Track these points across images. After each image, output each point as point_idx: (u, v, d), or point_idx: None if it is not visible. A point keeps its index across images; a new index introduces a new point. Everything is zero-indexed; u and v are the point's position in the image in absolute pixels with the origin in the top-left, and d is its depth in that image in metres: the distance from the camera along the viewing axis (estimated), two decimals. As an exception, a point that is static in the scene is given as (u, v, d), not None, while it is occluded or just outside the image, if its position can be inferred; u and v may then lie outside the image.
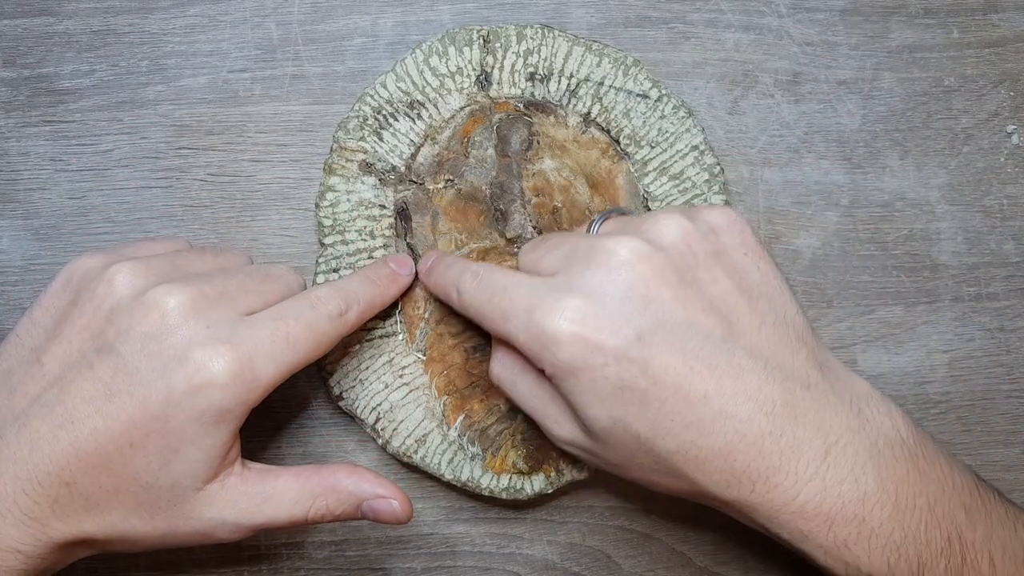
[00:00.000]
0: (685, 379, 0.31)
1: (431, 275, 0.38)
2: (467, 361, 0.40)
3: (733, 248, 0.34)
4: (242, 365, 0.31)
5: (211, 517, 0.33)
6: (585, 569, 0.41)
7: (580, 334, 0.31)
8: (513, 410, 0.39)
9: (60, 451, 0.31)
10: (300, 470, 0.34)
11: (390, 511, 0.34)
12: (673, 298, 0.32)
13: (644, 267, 0.32)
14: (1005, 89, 0.43)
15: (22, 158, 0.42)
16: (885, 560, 0.31)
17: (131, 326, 0.32)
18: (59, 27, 0.42)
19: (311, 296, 0.35)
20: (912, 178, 0.43)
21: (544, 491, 0.39)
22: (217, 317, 0.32)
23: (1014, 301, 0.42)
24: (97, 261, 0.34)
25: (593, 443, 0.34)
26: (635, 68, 0.41)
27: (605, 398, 0.32)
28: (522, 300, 0.33)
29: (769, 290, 0.34)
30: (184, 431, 0.31)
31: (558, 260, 0.34)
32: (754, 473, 0.31)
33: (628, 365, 0.31)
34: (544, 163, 0.40)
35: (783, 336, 0.33)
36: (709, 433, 0.31)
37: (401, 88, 0.40)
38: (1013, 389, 0.42)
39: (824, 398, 0.32)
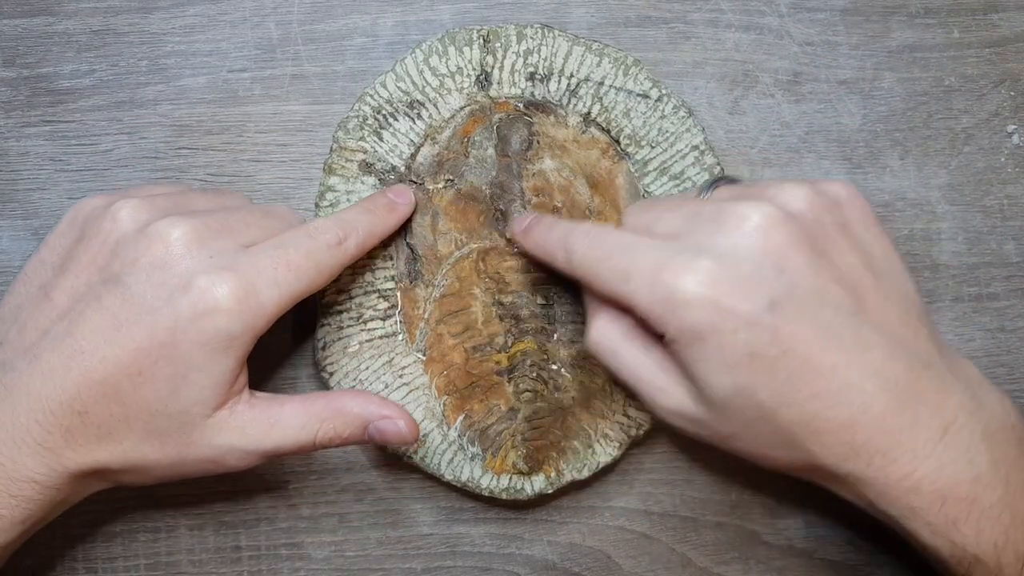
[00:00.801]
0: (815, 349, 0.31)
1: (530, 235, 0.37)
2: (467, 361, 0.40)
3: (856, 222, 0.34)
4: (246, 291, 0.32)
5: (220, 443, 0.33)
6: (585, 569, 0.41)
7: (711, 297, 0.30)
8: (513, 410, 0.39)
9: (71, 381, 0.32)
10: (306, 397, 0.35)
11: (396, 431, 0.35)
12: (806, 266, 0.31)
13: (778, 233, 0.31)
14: (1006, 89, 0.43)
15: (22, 158, 0.42)
16: (993, 542, 0.31)
17: (136, 257, 0.33)
18: (59, 27, 0.42)
19: (309, 227, 0.35)
20: (912, 178, 0.43)
21: (544, 491, 0.39)
22: (220, 247, 0.33)
23: (1014, 301, 0.42)
24: (101, 200, 0.35)
25: (707, 412, 0.33)
26: (635, 68, 0.41)
27: (732, 365, 0.31)
28: (648, 260, 0.32)
29: (891, 267, 0.34)
30: (191, 357, 0.32)
31: (679, 222, 0.33)
32: (873, 447, 0.31)
33: (759, 332, 0.30)
34: (544, 163, 0.40)
35: (906, 314, 0.33)
36: (834, 405, 0.31)
37: (401, 88, 0.40)
38: (1013, 389, 0.42)
39: (942, 378, 0.32)
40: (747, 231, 0.31)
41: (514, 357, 0.39)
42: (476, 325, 0.39)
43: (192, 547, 0.40)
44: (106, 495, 0.35)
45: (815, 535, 0.41)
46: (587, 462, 0.40)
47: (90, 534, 0.40)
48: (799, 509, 0.41)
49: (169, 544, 0.40)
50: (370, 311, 0.40)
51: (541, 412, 0.39)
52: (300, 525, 0.41)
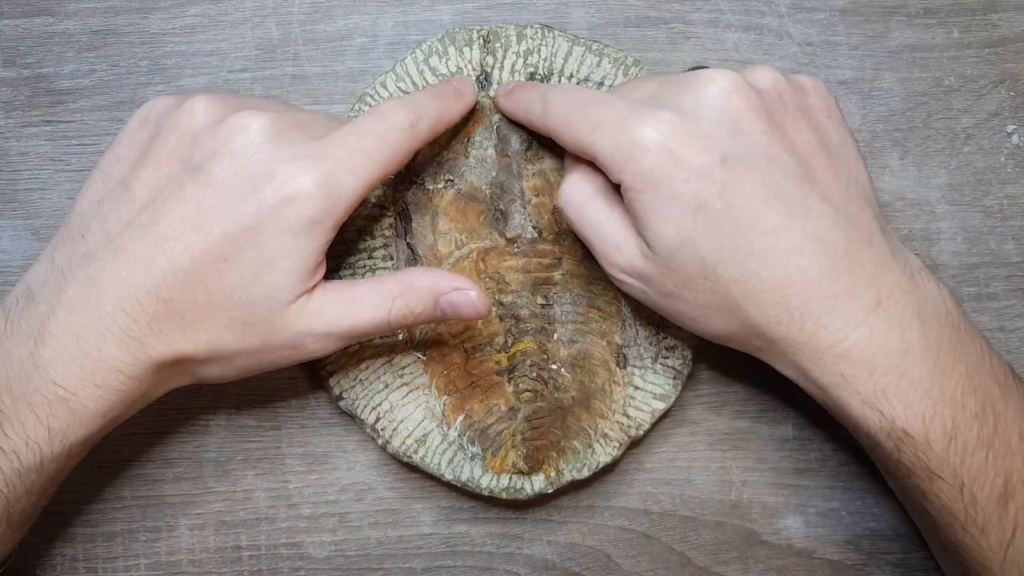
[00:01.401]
0: (760, 208, 0.32)
1: (512, 95, 0.39)
2: (467, 361, 0.40)
3: (818, 109, 0.36)
4: (326, 177, 0.33)
5: (300, 329, 0.34)
6: (585, 569, 0.41)
7: (667, 146, 0.32)
8: (513, 410, 0.39)
9: (157, 269, 0.32)
10: (378, 278, 0.36)
11: (468, 302, 0.35)
12: (761, 131, 0.33)
13: (738, 98, 0.33)
14: (1005, 89, 0.43)
15: (22, 158, 0.42)
16: (921, 415, 0.32)
17: (217, 147, 0.33)
18: (59, 27, 0.42)
19: (381, 110, 0.35)
20: (912, 178, 0.43)
21: (544, 491, 0.39)
22: (297, 138, 0.34)
23: (1014, 301, 0.42)
24: (170, 99, 0.36)
25: (652, 268, 0.34)
26: (635, 68, 0.41)
27: (678, 214, 0.32)
28: (616, 111, 0.34)
29: (845, 152, 0.35)
30: (276, 243, 0.33)
31: (651, 89, 0.35)
32: (806, 311, 0.32)
33: (708, 184, 0.32)
34: (544, 163, 0.40)
35: (854, 194, 0.34)
36: (772, 265, 0.32)
37: (401, 88, 0.40)
38: (1013, 389, 0.42)
39: (882, 256, 0.33)
40: (711, 92, 0.33)
41: (514, 357, 0.39)
42: (476, 325, 0.39)
43: (192, 547, 0.40)
44: (109, 493, 0.35)
45: (815, 535, 0.41)
46: (587, 462, 0.40)
47: (90, 534, 0.40)
48: (799, 509, 0.41)
49: (169, 544, 0.40)
50: (370, 311, 0.40)
51: (541, 412, 0.39)
52: (300, 525, 0.41)
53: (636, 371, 0.40)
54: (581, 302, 0.40)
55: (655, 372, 0.40)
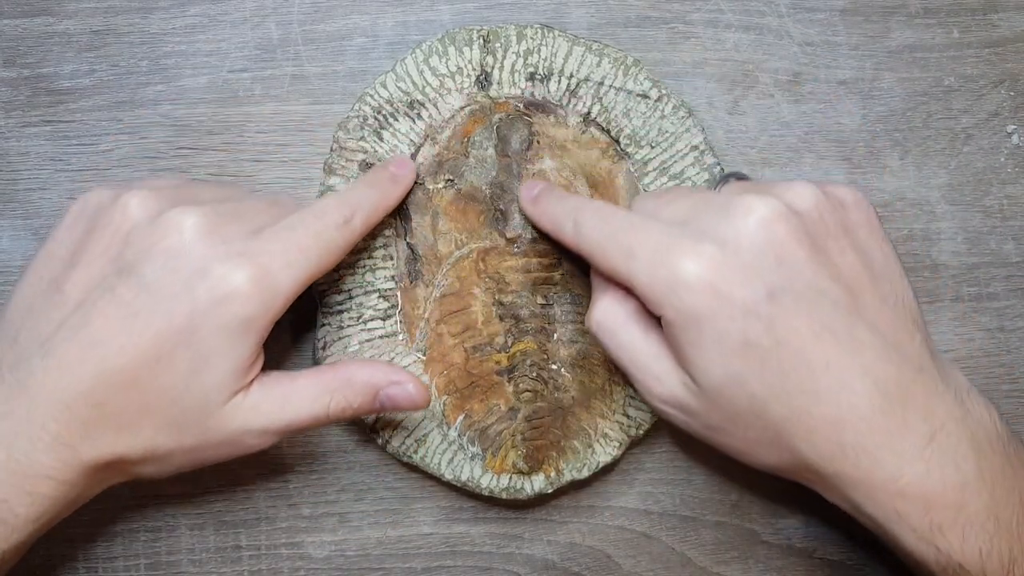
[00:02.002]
0: (809, 344, 0.31)
1: (539, 204, 0.38)
2: (467, 361, 0.40)
3: (860, 225, 0.34)
4: (261, 274, 0.32)
5: (237, 427, 0.33)
6: (585, 569, 0.41)
7: (711, 282, 0.31)
8: (513, 410, 0.39)
9: (88, 373, 0.32)
10: (316, 370, 0.35)
11: (406, 396, 0.35)
12: (806, 261, 0.32)
13: (780, 226, 0.32)
14: (1005, 89, 0.43)
15: (22, 158, 0.42)
16: (978, 549, 0.31)
17: (150, 246, 0.33)
18: (59, 27, 0.42)
19: (316, 207, 0.35)
20: (912, 178, 0.43)
21: (544, 491, 0.39)
22: (232, 234, 0.33)
23: (1014, 301, 0.42)
24: (107, 192, 0.35)
25: (697, 401, 0.33)
26: (635, 68, 0.41)
27: (725, 352, 0.31)
28: (653, 240, 0.32)
29: (890, 272, 0.34)
30: (210, 343, 0.32)
31: (686, 209, 0.34)
32: (860, 448, 0.31)
33: (755, 321, 0.31)
34: (544, 163, 0.40)
35: (901, 318, 0.33)
36: (824, 402, 0.31)
37: (401, 88, 0.40)
38: (1013, 389, 0.42)
39: (933, 384, 0.32)
40: (751, 221, 0.32)
41: (514, 357, 0.39)
42: (476, 325, 0.39)
43: (192, 547, 0.40)
44: (107, 492, 0.35)
45: (815, 535, 0.41)
46: (587, 462, 0.40)
47: (90, 534, 0.40)
48: (799, 509, 0.41)
49: (169, 544, 0.40)
50: (370, 311, 0.40)
51: (541, 412, 0.39)
52: (300, 525, 0.41)
53: (636, 371, 0.40)
54: (581, 302, 0.40)
55: (655, 372, 0.40)
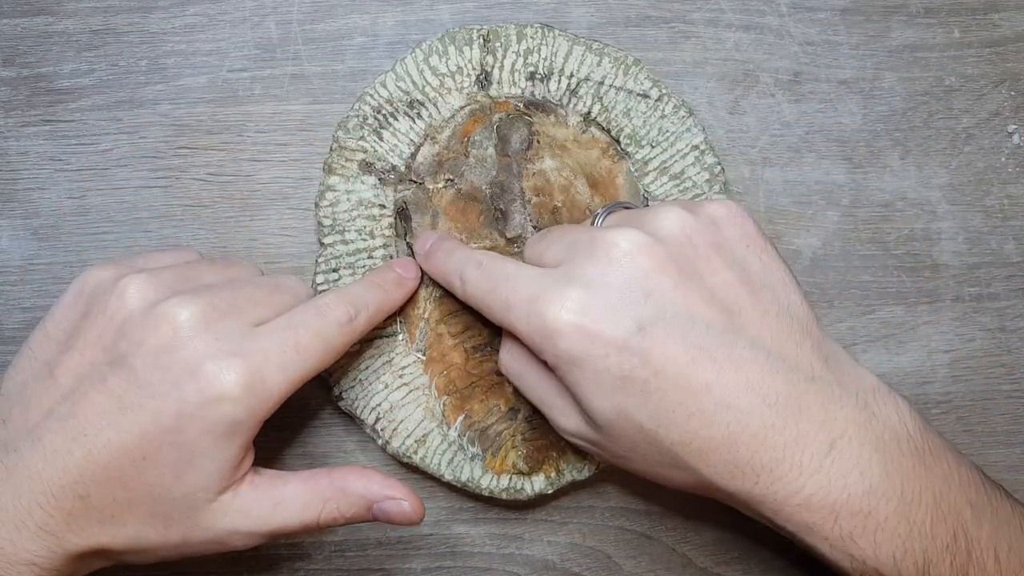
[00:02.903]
0: (686, 369, 0.31)
1: (431, 260, 0.38)
2: (467, 361, 0.39)
3: (734, 240, 0.34)
4: (253, 376, 0.32)
5: (224, 527, 0.33)
6: (585, 569, 0.41)
7: (580, 324, 0.31)
8: (513, 410, 0.39)
9: (74, 464, 0.31)
10: (310, 474, 0.34)
11: (400, 512, 0.34)
12: (673, 288, 0.32)
13: (644, 258, 0.32)
14: (1006, 89, 0.43)
15: (22, 158, 0.42)
16: (891, 554, 0.31)
17: (143, 339, 0.32)
18: (59, 27, 0.42)
19: (319, 304, 0.35)
20: (913, 178, 0.43)
21: (544, 491, 0.39)
22: (227, 329, 0.32)
23: (1015, 301, 0.42)
24: (109, 273, 0.34)
25: (598, 434, 0.34)
26: (635, 67, 0.41)
27: (607, 389, 0.32)
28: (524, 291, 0.33)
29: (772, 281, 0.34)
30: (197, 444, 0.31)
31: (561, 252, 0.34)
32: (758, 464, 0.31)
33: (629, 356, 0.31)
34: (544, 163, 0.40)
35: (786, 327, 0.33)
36: (711, 423, 0.31)
37: (401, 87, 0.40)
38: (1014, 389, 0.42)
39: (829, 391, 0.32)
40: (614, 258, 0.32)
41: (514, 357, 0.39)
42: (476, 325, 0.39)
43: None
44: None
45: (815, 535, 0.41)
46: (587, 462, 0.40)
47: None
48: (799, 509, 0.41)
49: (169, 544, 0.40)
50: (370, 311, 0.40)
51: (541, 412, 0.39)
52: (300, 525, 0.41)
53: (636, 371, 0.40)
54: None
55: (655, 372, 0.40)
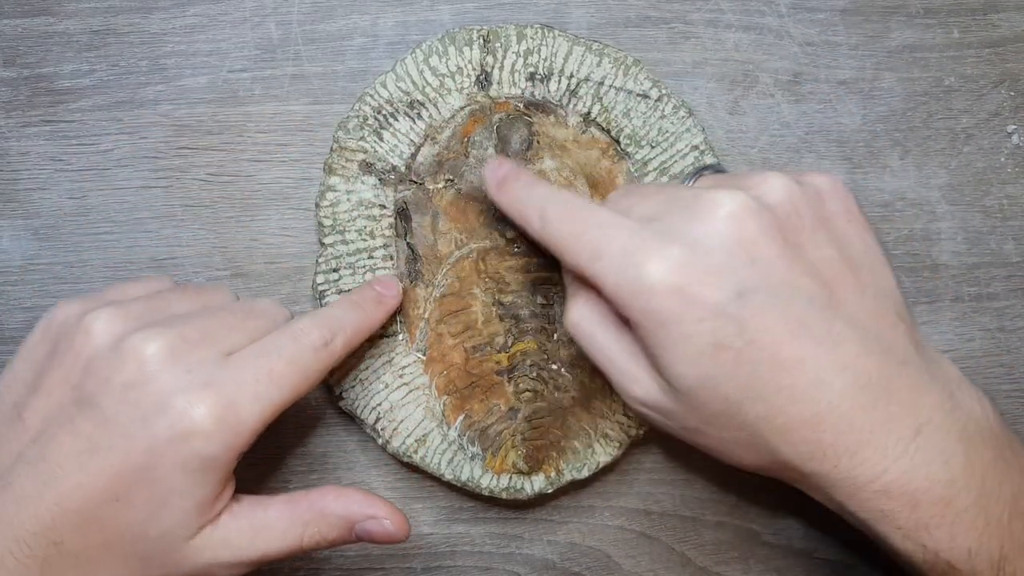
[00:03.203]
0: (783, 342, 0.30)
1: (506, 191, 0.36)
2: (467, 361, 0.40)
3: (837, 215, 0.33)
4: (225, 409, 0.30)
5: (205, 561, 0.32)
6: (585, 569, 0.41)
7: (679, 284, 0.30)
8: (513, 410, 0.39)
9: (45, 509, 0.30)
10: (290, 497, 0.33)
11: (382, 531, 0.33)
12: (778, 257, 0.30)
13: (751, 223, 0.30)
14: (1005, 89, 0.43)
15: (22, 158, 0.42)
16: (967, 547, 0.30)
17: (109, 376, 0.31)
18: (59, 27, 0.42)
19: (293, 329, 0.33)
20: (912, 178, 0.43)
21: (544, 491, 0.39)
22: (197, 360, 0.31)
23: (1014, 301, 0.42)
24: (75, 309, 0.33)
25: (673, 403, 0.32)
26: (635, 68, 0.41)
27: (696, 355, 0.30)
28: (619, 240, 0.31)
29: (871, 261, 0.33)
30: (169, 481, 0.30)
31: (655, 207, 0.32)
32: (841, 446, 0.30)
33: (725, 322, 0.30)
34: (544, 163, 0.40)
35: (883, 309, 0.32)
36: (800, 400, 0.30)
37: (401, 88, 0.40)
38: (1013, 389, 0.42)
39: (918, 376, 0.31)
40: (720, 219, 0.31)
41: (514, 357, 0.39)
42: (476, 325, 0.39)
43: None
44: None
45: (815, 535, 0.41)
46: (587, 462, 0.40)
47: None
48: (799, 509, 0.41)
49: (169, 544, 0.40)
50: (370, 311, 0.40)
51: (541, 412, 0.39)
52: (300, 525, 0.41)
53: (636, 371, 0.40)
54: (581, 302, 0.40)
55: (655, 372, 0.40)
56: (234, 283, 0.41)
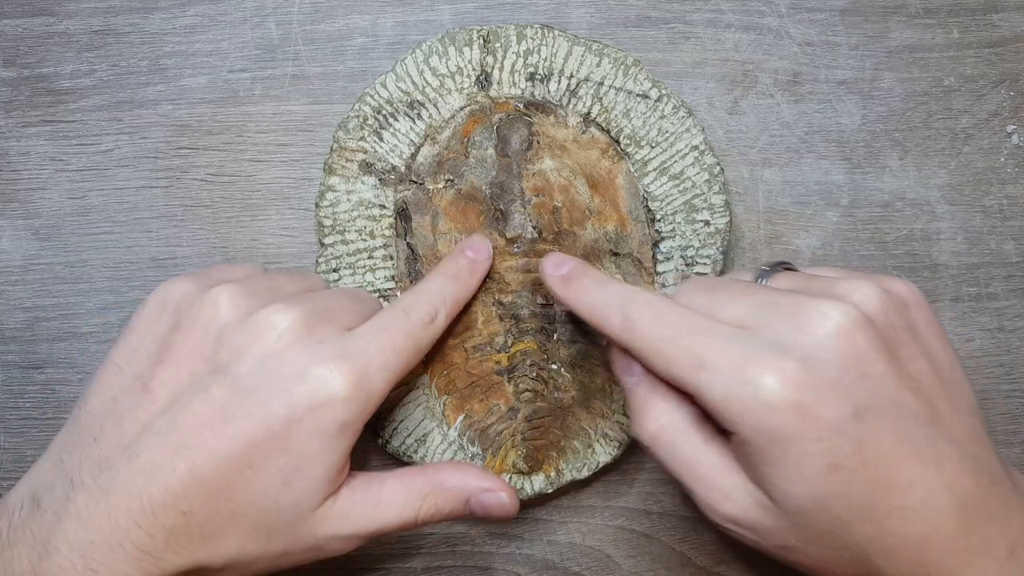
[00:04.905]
0: (895, 463, 0.29)
1: (574, 288, 0.35)
2: (467, 361, 0.40)
3: (922, 325, 0.33)
4: (360, 377, 0.31)
5: (325, 533, 0.32)
6: (585, 569, 0.41)
7: (798, 401, 0.29)
8: (513, 410, 0.39)
9: (177, 479, 0.30)
10: (404, 472, 0.34)
11: (499, 504, 0.34)
12: (885, 373, 0.30)
13: (861, 337, 0.30)
14: (1005, 89, 0.43)
15: (22, 158, 0.42)
16: None
17: (244, 346, 0.31)
18: (59, 27, 0.42)
19: (403, 306, 0.35)
20: (912, 178, 0.43)
21: (544, 491, 0.40)
22: (327, 334, 0.32)
23: (1014, 301, 0.42)
24: (192, 284, 0.34)
25: (773, 521, 0.31)
26: (635, 68, 0.41)
27: (812, 474, 0.29)
28: (725, 351, 0.30)
29: (956, 374, 0.33)
30: (306, 448, 0.31)
31: (748, 311, 0.31)
32: (944, 567, 0.30)
33: (843, 441, 0.29)
34: (544, 163, 0.40)
35: (973, 425, 0.32)
36: (909, 522, 0.29)
37: (401, 88, 0.40)
38: (1013, 389, 0.42)
39: (1007, 494, 0.31)
40: (829, 333, 0.30)
41: (514, 357, 0.39)
42: (476, 325, 0.39)
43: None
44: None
45: (815, 535, 0.41)
46: (587, 461, 0.40)
47: None
48: (799, 509, 0.41)
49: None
50: (370, 311, 0.40)
51: (541, 412, 0.39)
52: (300, 525, 0.41)
53: (636, 371, 0.40)
54: (581, 302, 0.40)
55: (655, 372, 0.40)
56: (234, 283, 0.41)
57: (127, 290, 0.41)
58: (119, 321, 0.41)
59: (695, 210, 0.40)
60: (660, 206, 0.41)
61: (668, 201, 0.41)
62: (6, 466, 0.41)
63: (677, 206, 0.41)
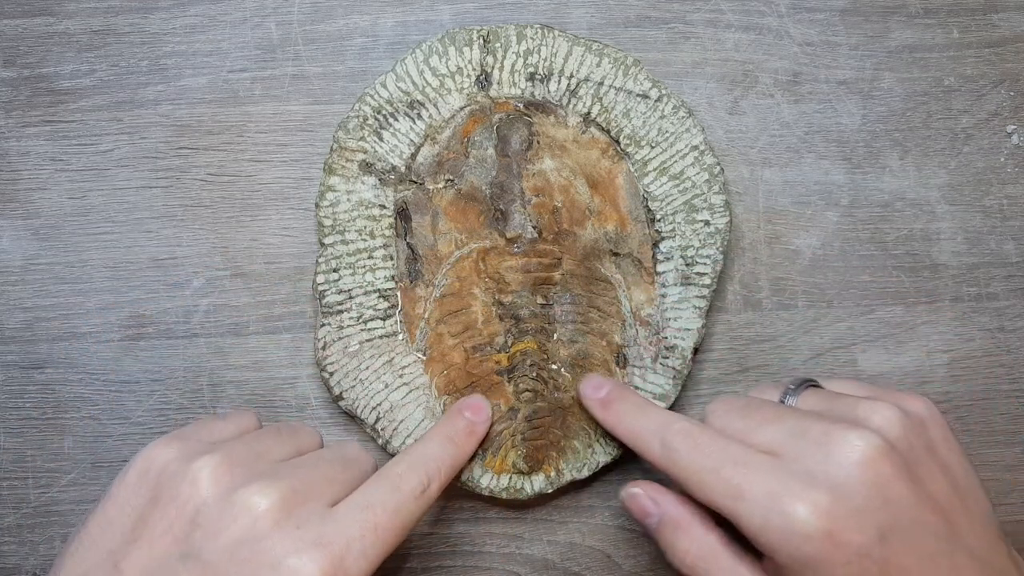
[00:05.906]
0: None
1: (613, 412, 0.37)
2: (467, 361, 0.40)
3: (939, 442, 0.34)
4: (335, 568, 0.30)
5: None
6: (585, 569, 0.41)
7: (829, 530, 0.30)
8: (513, 410, 0.39)
9: None
10: None
11: None
12: (908, 496, 0.32)
13: (885, 465, 0.32)
14: (1005, 89, 0.43)
15: (22, 158, 0.42)
16: None
17: (220, 530, 0.30)
18: (59, 27, 0.42)
19: (392, 476, 0.33)
20: (912, 178, 0.43)
21: (544, 491, 0.40)
22: (307, 515, 0.31)
23: (1014, 301, 0.42)
24: (175, 452, 0.32)
25: None
26: (635, 68, 0.41)
27: None
28: (763, 483, 0.32)
29: (973, 487, 0.34)
30: None
31: (779, 438, 0.33)
32: None
33: (870, 564, 0.30)
34: (544, 163, 0.40)
35: (990, 535, 0.33)
36: None
37: (401, 88, 0.40)
38: (1013, 389, 0.42)
39: None
40: (856, 462, 0.31)
41: (514, 357, 0.39)
42: (476, 325, 0.39)
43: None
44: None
45: (815, 535, 0.41)
46: (587, 461, 0.40)
47: (90, 534, 0.40)
48: (799, 509, 0.41)
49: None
50: (370, 311, 0.40)
51: (541, 412, 0.39)
52: (300, 525, 0.41)
53: (636, 371, 0.40)
54: (581, 302, 0.40)
55: (655, 372, 0.40)
56: (234, 283, 0.41)
57: (127, 290, 0.41)
58: (119, 321, 0.41)
59: (695, 210, 0.40)
60: (660, 206, 0.41)
61: (668, 201, 0.41)
62: (6, 466, 0.41)
63: (677, 206, 0.41)
